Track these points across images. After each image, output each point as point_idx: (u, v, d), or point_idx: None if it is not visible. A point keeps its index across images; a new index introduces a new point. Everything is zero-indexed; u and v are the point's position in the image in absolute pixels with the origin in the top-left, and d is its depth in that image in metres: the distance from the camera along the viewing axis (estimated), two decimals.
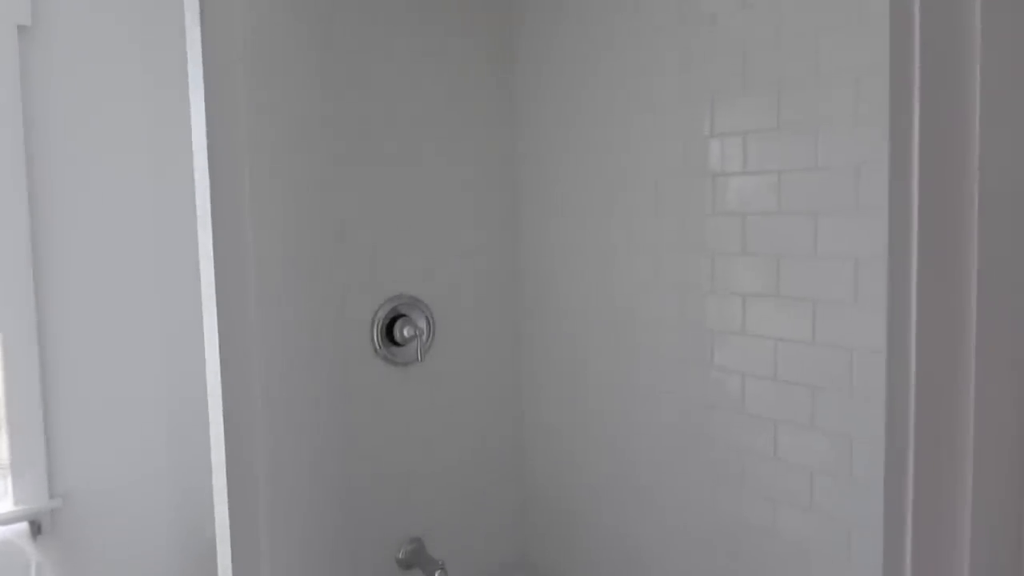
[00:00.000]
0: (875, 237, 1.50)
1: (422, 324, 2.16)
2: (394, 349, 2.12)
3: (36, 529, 2.35)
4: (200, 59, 1.74)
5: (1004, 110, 0.58)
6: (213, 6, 1.73)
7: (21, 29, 2.29)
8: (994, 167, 0.58)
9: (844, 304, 1.57)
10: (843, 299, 1.57)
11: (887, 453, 0.64)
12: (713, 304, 1.83)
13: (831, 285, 1.59)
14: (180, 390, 2.65)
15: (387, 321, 2.12)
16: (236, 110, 1.80)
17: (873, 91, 1.48)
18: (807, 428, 1.66)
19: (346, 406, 2.06)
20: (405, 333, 2.10)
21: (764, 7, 1.68)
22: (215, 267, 1.87)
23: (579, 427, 2.19)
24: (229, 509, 1.92)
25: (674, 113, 1.88)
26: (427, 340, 2.18)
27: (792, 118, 1.65)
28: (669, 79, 1.89)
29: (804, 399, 1.66)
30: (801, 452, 1.67)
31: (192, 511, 2.60)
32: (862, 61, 1.50)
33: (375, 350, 2.10)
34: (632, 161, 1.99)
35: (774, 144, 1.69)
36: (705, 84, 1.81)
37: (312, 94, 1.96)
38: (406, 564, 2.13)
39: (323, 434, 2.02)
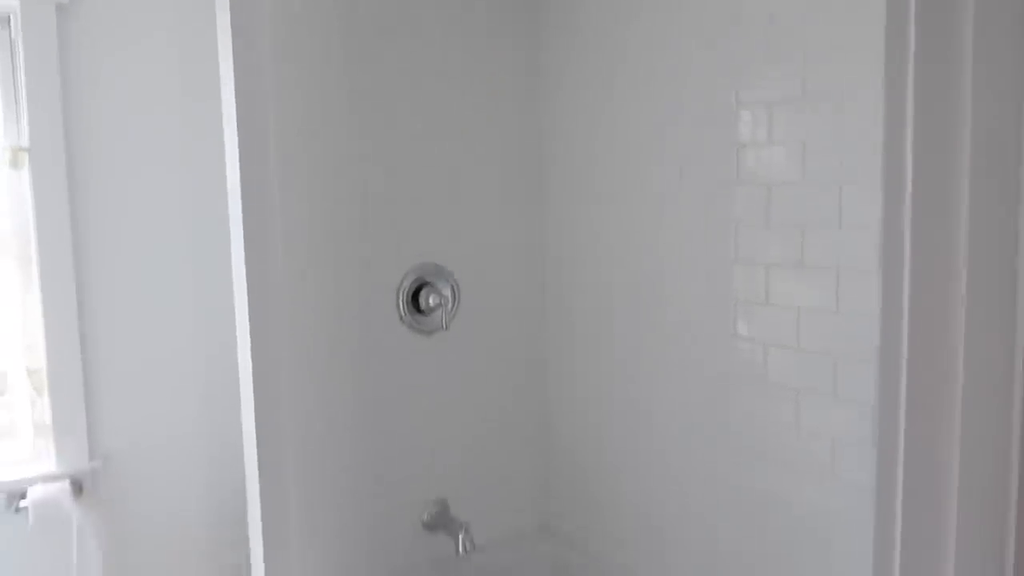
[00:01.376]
0: None
1: (447, 292, 2.19)
2: (419, 317, 2.16)
3: (78, 489, 2.44)
4: (230, 36, 1.77)
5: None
6: None
7: (59, 7, 2.34)
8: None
9: (868, 273, 1.56)
10: (867, 268, 1.56)
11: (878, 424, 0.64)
12: (738, 274, 1.83)
13: (855, 254, 1.58)
14: (212, 355, 2.72)
15: (413, 289, 2.15)
16: (263, 84, 1.83)
17: None
18: (830, 397, 1.66)
19: (372, 372, 2.10)
20: (430, 301, 2.13)
21: None
22: (244, 239, 1.92)
23: (603, 397, 2.21)
24: (259, 471, 1.98)
25: (700, 84, 1.87)
26: (452, 308, 2.20)
27: (816, 87, 1.63)
28: (696, 51, 1.87)
29: (826, 368, 1.66)
30: (823, 421, 1.67)
31: (225, 468, 2.68)
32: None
33: (400, 318, 2.13)
34: (658, 131, 1.99)
35: (799, 114, 1.67)
36: (731, 55, 1.79)
37: (338, 69, 1.98)
38: (431, 526, 2.18)
39: (349, 398, 2.07)
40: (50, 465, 2.43)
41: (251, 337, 1.94)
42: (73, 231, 2.47)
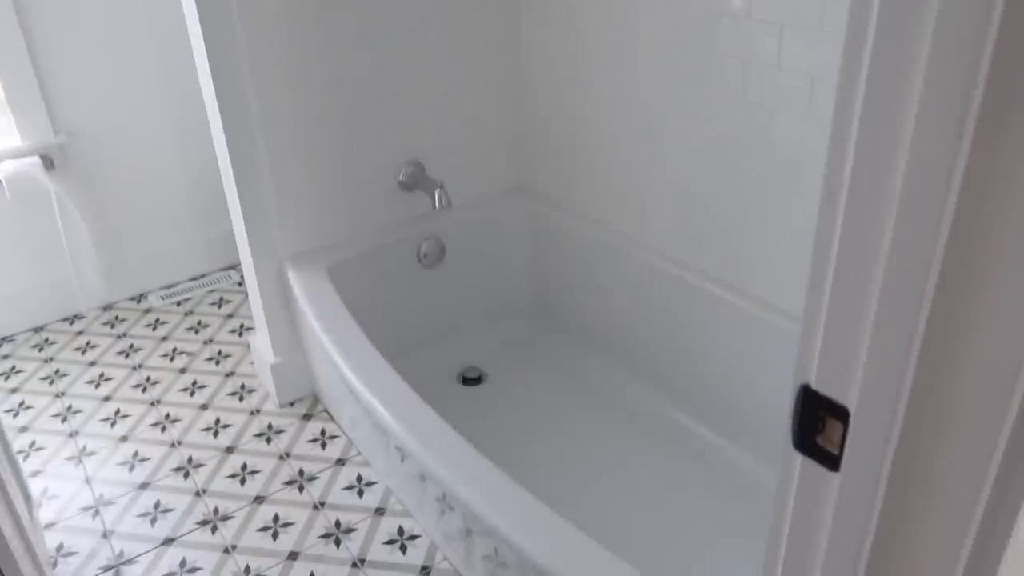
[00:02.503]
0: None
1: None
2: None
3: (49, 163, 2.43)
4: None
5: None
6: None
7: None
8: None
9: None
10: None
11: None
12: None
13: None
14: (164, 20, 2.53)
15: None
16: None
17: None
18: (815, 31, 1.54)
19: (334, 25, 1.94)
20: None
21: None
22: None
23: (579, 45, 2.07)
24: (226, 138, 1.93)
25: None
26: None
27: None
28: None
29: None
30: (804, 58, 1.57)
31: (197, 137, 2.64)
32: None
33: None
34: None
35: None
36: None
37: None
38: (407, 186, 2.18)
39: (311, 55, 1.94)
40: (15, 140, 2.38)
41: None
42: None
